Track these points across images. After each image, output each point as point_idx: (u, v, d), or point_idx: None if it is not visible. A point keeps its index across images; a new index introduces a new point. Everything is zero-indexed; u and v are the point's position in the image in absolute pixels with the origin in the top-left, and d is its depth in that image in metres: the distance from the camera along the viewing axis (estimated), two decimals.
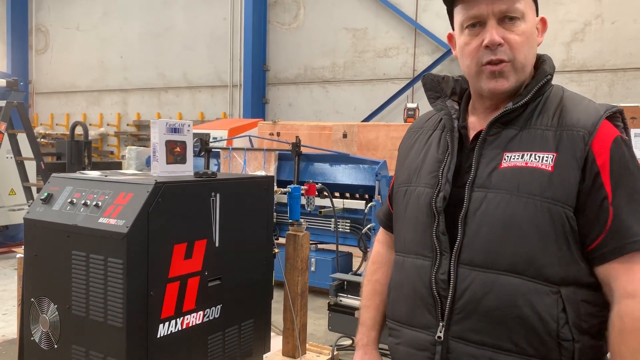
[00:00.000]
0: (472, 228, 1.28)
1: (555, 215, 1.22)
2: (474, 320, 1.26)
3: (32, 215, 2.52)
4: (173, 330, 2.40)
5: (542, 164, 1.24)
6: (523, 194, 1.24)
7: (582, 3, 8.32)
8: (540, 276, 1.22)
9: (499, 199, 1.25)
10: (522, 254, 1.23)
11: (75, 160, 7.26)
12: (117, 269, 2.21)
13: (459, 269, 1.28)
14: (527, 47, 1.30)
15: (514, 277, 1.23)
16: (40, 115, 14.88)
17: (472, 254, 1.27)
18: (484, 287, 1.25)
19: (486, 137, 1.32)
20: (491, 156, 1.30)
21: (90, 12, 13.65)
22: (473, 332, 1.27)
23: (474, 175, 1.30)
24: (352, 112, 10.33)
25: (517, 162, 1.26)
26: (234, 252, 2.71)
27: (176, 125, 2.68)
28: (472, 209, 1.28)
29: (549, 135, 1.27)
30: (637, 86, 8.08)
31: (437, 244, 1.32)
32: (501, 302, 1.24)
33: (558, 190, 1.22)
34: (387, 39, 10.00)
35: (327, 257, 5.55)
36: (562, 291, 1.23)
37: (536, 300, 1.22)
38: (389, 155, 6.80)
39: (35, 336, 2.50)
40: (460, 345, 1.28)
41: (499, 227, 1.24)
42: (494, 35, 1.27)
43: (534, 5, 1.34)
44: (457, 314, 1.28)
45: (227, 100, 11.83)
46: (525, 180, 1.24)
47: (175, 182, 2.42)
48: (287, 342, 3.37)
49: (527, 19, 1.30)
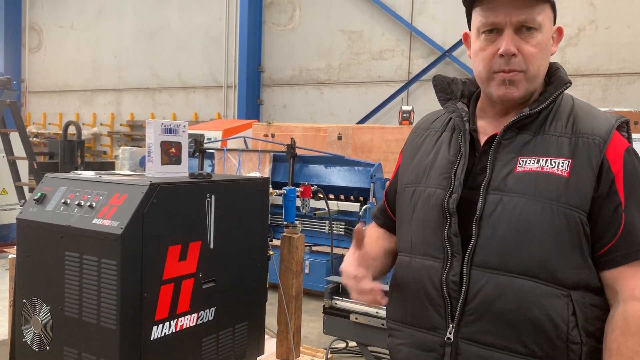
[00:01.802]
0: (487, 230, 1.28)
1: (570, 220, 1.24)
2: (486, 322, 1.28)
3: (25, 215, 2.49)
4: (167, 332, 2.39)
5: (558, 170, 1.26)
6: (539, 198, 1.25)
7: (576, 8, 8.37)
8: (554, 280, 1.25)
9: (515, 202, 1.27)
10: (536, 257, 1.25)
11: (68, 160, 7.21)
12: (111, 270, 2.19)
13: (472, 270, 1.29)
14: (540, 58, 1.31)
15: (527, 280, 1.25)
16: (33, 114, 14.79)
17: (486, 256, 1.28)
18: (497, 289, 1.26)
19: (501, 140, 1.34)
20: (506, 160, 1.32)
21: (84, 10, 13.59)
22: (484, 334, 1.28)
23: (489, 178, 1.31)
24: (347, 114, 10.33)
25: (532, 167, 1.29)
26: (229, 254, 2.69)
27: (171, 126, 2.66)
28: (487, 211, 1.29)
29: (563, 141, 1.30)
30: (630, 91, 8.13)
31: (449, 246, 1.33)
32: (514, 305, 1.25)
33: (573, 196, 1.25)
34: (382, 42, 10.01)
35: (321, 260, 5.54)
36: (573, 295, 1.25)
37: (548, 303, 1.24)
38: (384, 157, 6.81)
39: (27, 338, 2.48)
40: (470, 347, 1.30)
41: (515, 230, 1.26)
42: (509, 46, 1.28)
43: (552, 15, 1.34)
44: (468, 315, 1.29)
45: (221, 101, 11.80)
46: (542, 184, 1.26)
47: (170, 183, 2.40)
48: (281, 345, 3.36)
49: (544, 30, 1.30)
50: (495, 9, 1.29)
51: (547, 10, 1.31)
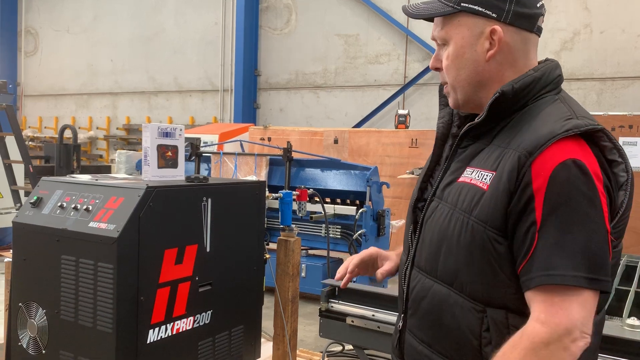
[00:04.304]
0: (423, 234, 1.37)
1: (477, 235, 1.21)
2: (417, 319, 1.37)
3: (22, 219, 2.49)
4: (163, 335, 2.39)
5: (481, 182, 1.24)
6: (458, 209, 1.26)
7: (571, 12, 8.41)
8: (465, 291, 1.25)
9: (442, 211, 1.31)
10: (449, 267, 1.28)
11: (64, 163, 7.20)
12: (107, 273, 2.19)
13: (412, 270, 1.40)
14: (454, 69, 1.33)
15: (444, 287, 1.30)
16: (29, 118, 14.76)
17: (419, 258, 1.37)
18: (423, 290, 1.35)
19: (457, 149, 1.36)
20: (455, 168, 1.34)
21: (80, 14, 13.58)
22: (416, 329, 1.38)
23: (437, 184, 1.37)
24: (343, 118, 10.35)
25: (466, 178, 1.28)
26: (225, 257, 2.70)
27: (168, 129, 2.67)
28: (427, 216, 1.36)
29: (496, 153, 1.24)
30: (625, 95, 8.17)
31: (410, 244, 1.43)
32: (433, 308, 1.32)
33: (483, 211, 1.20)
34: (378, 46, 10.04)
35: (317, 263, 5.54)
36: (490, 312, 1.22)
37: (459, 313, 1.26)
38: (380, 161, 6.83)
39: (23, 341, 2.47)
40: (410, 338, 1.40)
41: (437, 238, 1.31)
42: (431, 61, 1.41)
43: (471, 21, 1.28)
44: (409, 309, 1.40)
45: (217, 105, 11.80)
46: (463, 196, 1.26)
47: (166, 186, 2.40)
48: (277, 348, 3.35)
49: (451, 43, 1.32)
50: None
51: (457, 20, 1.30)
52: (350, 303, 3.04)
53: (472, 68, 1.31)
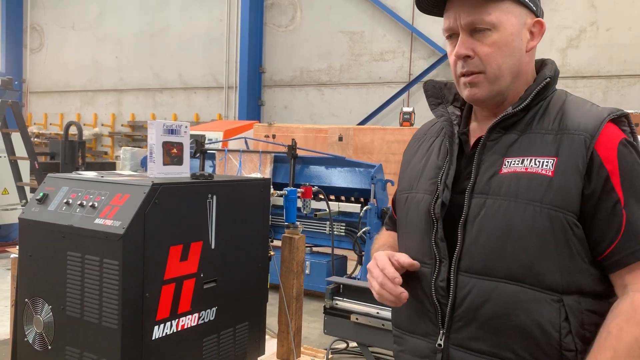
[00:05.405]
0: (471, 235, 1.26)
1: (555, 221, 1.19)
2: (473, 329, 1.26)
3: (27, 215, 2.50)
4: (168, 332, 2.39)
5: (542, 169, 1.22)
6: (522, 199, 1.21)
7: (577, 10, 8.38)
8: (541, 284, 1.20)
9: (497, 205, 1.24)
10: (521, 261, 1.21)
11: (69, 160, 7.23)
12: (113, 270, 2.20)
13: (458, 276, 1.27)
14: (500, 57, 1.28)
15: (512, 285, 1.22)
16: (34, 115, 14.81)
17: (471, 261, 1.26)
18: (482, 294, 1.24)
19: (486, 142, 1.31)
20: (491, 162, 1.29)
21: (85, 11, 13.61)
22: (472, 340, 1.26)
23: (473, 181, 1.29)
24: (347, 115, 10.34)
25: (516, 168, 1.24)
26: (230, 254, 2.70)
27: (173, 126, 2.67)
28: (471, 215, 1.27)
29: (549, 139, 1.25)
30: (631, 93, 8.14)
31: (436, 251, 1.32)
32: (500, 311, 1.23)
33: (558, 196, 1.20)
34: (383, 43, 10.02)
35: (322, 260, 5.55)
36: (565, 300, 1.20)
37: (536, 308, 1.20)
38: (385, 158, 6.82)
39: (29, 337, 2.48)
40: (460, 353, 1.28)
41: (497, 234, 1.23)
42: (460, 48, 1.30)
43: (519, 9, 1.29)
44: (456, 321, 1.28)
45: (222, 102, 11.81)
46: (525, 185, 1.22)
47: (172, 183, 2.41)
48: (281, 345, 3.36)
49: (500, 28, 1.27)
50: (449, 14, 1.31)
51: (505, 7, 1.28)
52: (354, 300, 3.04)
53: (517, 57, 1.30)
